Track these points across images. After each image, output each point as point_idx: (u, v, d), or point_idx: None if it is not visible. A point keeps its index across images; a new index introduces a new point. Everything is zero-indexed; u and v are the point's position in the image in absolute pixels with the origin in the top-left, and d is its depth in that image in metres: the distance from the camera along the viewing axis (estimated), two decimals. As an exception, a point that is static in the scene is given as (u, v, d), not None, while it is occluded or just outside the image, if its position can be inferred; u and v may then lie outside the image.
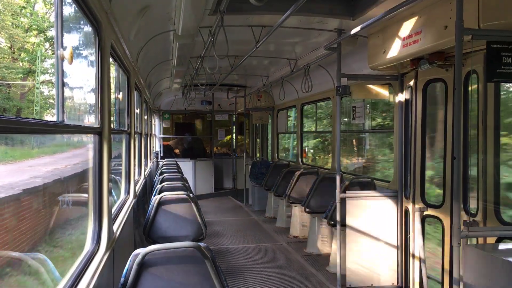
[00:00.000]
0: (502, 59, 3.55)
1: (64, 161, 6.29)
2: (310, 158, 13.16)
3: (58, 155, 6.50)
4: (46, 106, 36.03)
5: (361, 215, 6.34)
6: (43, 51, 36.24)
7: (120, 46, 4.49)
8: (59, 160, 6.59)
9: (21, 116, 28.49)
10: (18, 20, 34.20)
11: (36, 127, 2.01)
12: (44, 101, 35.94)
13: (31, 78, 35.17)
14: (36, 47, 35.68)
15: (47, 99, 36.60)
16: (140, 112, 8.51)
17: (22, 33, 34.38)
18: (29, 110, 34.20)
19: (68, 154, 5.88)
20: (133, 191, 6.14)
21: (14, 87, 34.82)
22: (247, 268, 7.38)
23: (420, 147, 5.86)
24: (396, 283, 6.37)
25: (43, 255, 3.06)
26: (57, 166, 7.01)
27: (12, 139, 6.73)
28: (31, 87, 35.30)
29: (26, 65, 35.24)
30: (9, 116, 3.03)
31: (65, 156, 6.06)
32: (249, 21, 6.09)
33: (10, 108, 32.68)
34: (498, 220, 4.46)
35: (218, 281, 3.13)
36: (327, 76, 8.74)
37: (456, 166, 3.51)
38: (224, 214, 12.66)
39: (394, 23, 5.25)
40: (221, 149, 18.62)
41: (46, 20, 36.00)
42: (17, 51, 35.24)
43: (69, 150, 5.87)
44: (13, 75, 33.71)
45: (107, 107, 3.46)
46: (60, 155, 6.39)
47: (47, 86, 36.89)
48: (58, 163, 6.77)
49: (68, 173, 5.92)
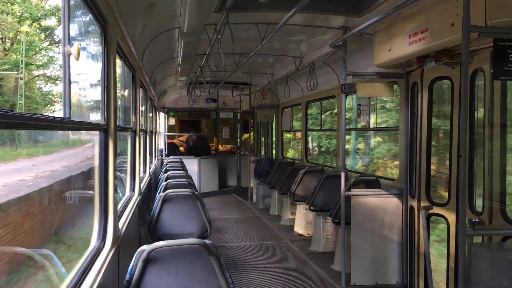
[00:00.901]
0: (509, 56, 3.52)
1: (47, 166, 5.58)
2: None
3: (42, 157, 5.75)
4: (43, 102, 33.44)
5: (366, 213, 6.33)
6: (37, 42, 33.38)
7: (125, 44, 4.50)
8: (39, 165, 5.72)
9: (29, 112, 27.09)
10: (8, 7, 30.93)
11: (44, 123, 2.02)
12: (43, 97, 33.82)
13: (27, 72, 32.52)
14: (28, 37, 32.66)
15: (47, 95, 34.02)
16: (145, 109, 8.53)
17: (12, 21, 31.05)
18: (20, 106, 30.98)
19: (53, 156, 5.43)
20: (138, 188, 6.15)
21: (6, 81, 31.99)
22: (251, 266, 7.39)
23: (425, 145, 5.84)
24: (401, 281, 6.36)
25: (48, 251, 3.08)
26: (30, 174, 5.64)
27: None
28: (27, 81, 32.59)
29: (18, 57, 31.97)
30: (18, 112, 3.03)
31: (49, 159, 5.56)
32: (254, 19, 6.08)
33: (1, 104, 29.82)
34: (504, 219, 4.44)
35: (223, 278, 3.14)
36: (332, 74, 8.72)
37: (462, 165, 3.49)
38: (229, 211, 12.67)
39: (400, 21, 5.22)
40: (226, 147, 18.64)
41: (40, 8, 33.19)
42: (9, 41, 32.21)
43: (60, 151, 5.49)
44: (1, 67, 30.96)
45: (113, 104, 3.47)
46: (46, 158, 5.88)
47: (45, 80, 34.00)
48: (35, 169, 5.68)
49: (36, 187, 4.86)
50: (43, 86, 35.29)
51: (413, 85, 6.11)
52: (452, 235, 5.20)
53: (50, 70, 34.45)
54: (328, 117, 12.34)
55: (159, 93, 13.28)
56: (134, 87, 6.02)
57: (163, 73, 10.06)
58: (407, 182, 6.26)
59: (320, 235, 8.32)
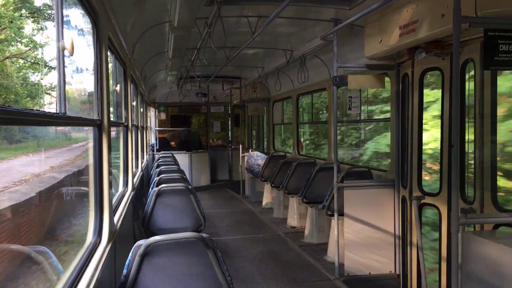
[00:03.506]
0: (500, 47, 3.56)
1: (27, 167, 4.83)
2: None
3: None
4: (24, 94, 29.70)
5: (359, 204, 6.38)
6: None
7: (117, 38, 4.46)
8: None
9: (26, 108, 25.16)
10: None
11: (40, 119, 2.00)
12: (29, 90, 31.47)
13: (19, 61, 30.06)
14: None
15: (30, 85, 30.84)
16: (136, 104, 8.48)
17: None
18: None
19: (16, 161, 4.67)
20: (131, 184, 6.14)
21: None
22: (245, 259, 7.42)
23: (417, 136, 5.89)
24: (394, 271, 6.44)
25: (45, 248, 3.06)
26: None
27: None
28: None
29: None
30: (15, 107, 2.96)
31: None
32: (245, 12, 6.07)
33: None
34: (495, 207, 4.50)
35: (220, 271, 3.16)
36: (323, 66, 8.73)
37: (454, 154, 3.54)
38: (221, 205, 12.68)
39: (390, 12, 5.24)
40: (216, 141, 18.62)
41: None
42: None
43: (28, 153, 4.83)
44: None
45: (106, 99, 3.45)
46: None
47: (32, 70, 30.65)
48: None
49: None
50: (30, 74, 32.05)
51: (404, 77, 6.15)
52: (444, 224, 5.26)
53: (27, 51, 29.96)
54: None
55: (149, 88, 13.21)
56: (125, 82, 5.98)
57: (153, 67, 10.00)
58: (399, 172, 6.32)
59: (313, 227, 8.37)
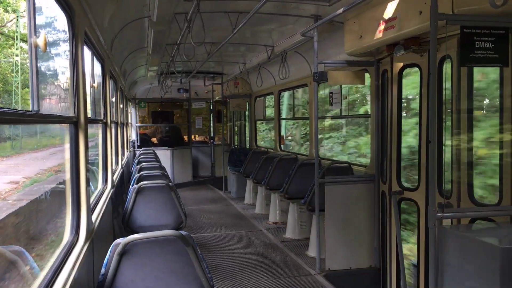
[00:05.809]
0: (475, 43, 3.61)
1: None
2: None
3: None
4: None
5: (339, 199, 6.44)
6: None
7: (94, 33, 4.38)
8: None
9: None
10: None
11: (11, 117, 1.95)
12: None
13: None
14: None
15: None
16: (116, 100, 8.37)
17: None
18: None
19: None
20: (110, 181, 6.06)
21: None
22: (226, 255, 7.42)
23: (396, 131, 5.96)
24: (374, 265, 6.52)
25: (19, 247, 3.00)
26: None
27: None
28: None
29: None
30: None
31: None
32: (226, 7, 6.03)
33: None
34: (471, 201, 4.59)
35: (200, 268, 3.15)
36: (304, 62, 8.75)
37: (431, 150, 3.59)
38: (203, 202, 12.64)
39: (370, 9, 5.27)
40: (198, 137, 18.52)
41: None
42: None
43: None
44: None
45: (83, 96, 3.39)
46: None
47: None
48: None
49: None
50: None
51: (383, 73, 6.21)
52: (423, 219, 5.35)
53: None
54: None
55: (129, 84, 13.05)
56: (104, 78, 5.89)
57: (133, 63, 9.88)
58: (379, 168, 6.39)
59: (294, 222, 8.41)
